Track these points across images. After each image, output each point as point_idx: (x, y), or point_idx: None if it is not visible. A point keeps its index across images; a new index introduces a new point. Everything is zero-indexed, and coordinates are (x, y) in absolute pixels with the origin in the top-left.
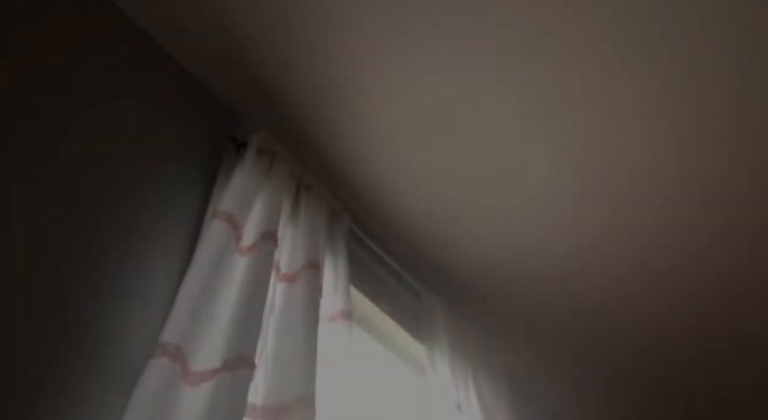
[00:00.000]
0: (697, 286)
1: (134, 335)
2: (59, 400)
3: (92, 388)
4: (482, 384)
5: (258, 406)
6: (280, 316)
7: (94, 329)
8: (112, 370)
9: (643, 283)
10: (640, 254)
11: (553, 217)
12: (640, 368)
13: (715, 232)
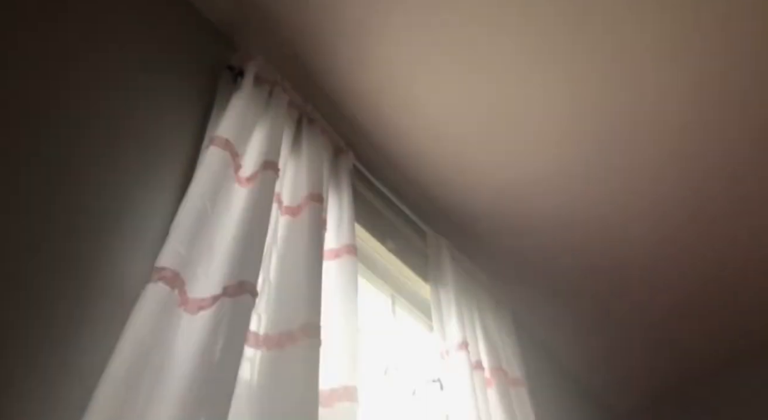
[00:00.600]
0: (700, 216)
1: (129, 264)
2: (51, 332)
3: (87, 317)
4: (488, 322)
5: (261, 335)
6: (283, 249)
7: (89, 259)
8: (107, 299)
9: (650, 221)
10: (645, 190)
11: (562, 160)
12: (644, 308)
13: (717, 164)
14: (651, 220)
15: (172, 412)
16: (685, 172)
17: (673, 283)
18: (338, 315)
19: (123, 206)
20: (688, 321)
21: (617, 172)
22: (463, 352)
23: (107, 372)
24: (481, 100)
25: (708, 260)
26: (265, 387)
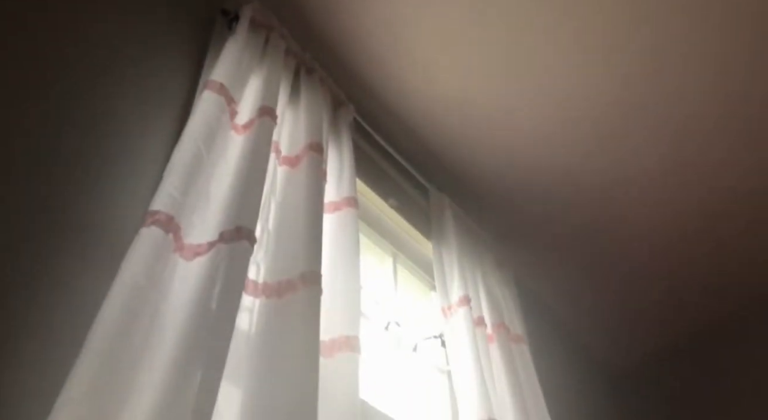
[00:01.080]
0: (705, 178)
1: (124, 210)
2: (44, 278)
3: (81, 263)
4: (490, 280)
5: (259, 283)
6: (282, 199)
7: (82, 204)
8: (101, 245)
9: (654, 181)
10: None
11: (568, 115)
12: (650, 269)
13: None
14: (655, 180)
15: (168, 359)
16: (690, 133)
17: (675, 243)
18: (339, 267)
19: (117, 152)
20: (690, 280)
21: (623, 129)
22: (465, 307)
23: (102, 313)
24: (489, 52)
25: (710, 219)
26: (264, 336)
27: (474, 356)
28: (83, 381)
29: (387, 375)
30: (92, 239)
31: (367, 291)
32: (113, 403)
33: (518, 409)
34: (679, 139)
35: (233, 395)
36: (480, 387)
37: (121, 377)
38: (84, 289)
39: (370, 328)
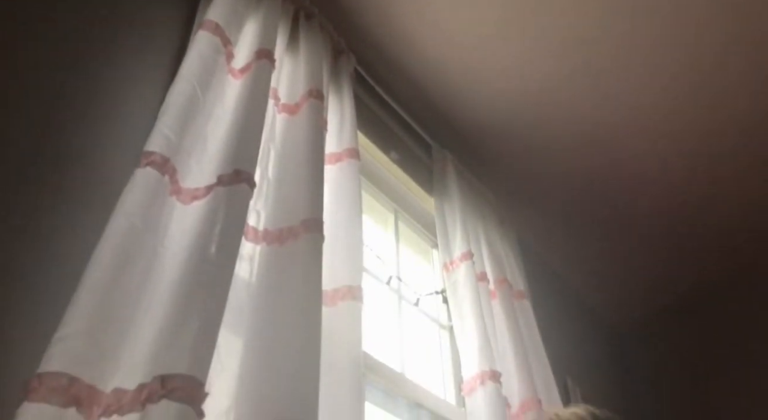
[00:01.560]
0: (710, 126)
1: (118, 153)
2: (39, 220)
3: (75, 206)
4: (493, 236)
5: (260, 230)
6: (282, 147)
7: (76, 148)
8: (95, 188)
9: (657, 134)
10: (656, 102)
11: (572, 67)
12: (647, 224)
13: None
14: (658, 132)
15: (166, 302)
16: (698, 84)
17: (678, 198)
18: (341, 218)
19: (111, 95)
20: (692, 237)
21: (626, 83)
22: (468, 262)
23: (97, 253)
24: (494, 8)
25: (714, 162)
26: (265, 284)
27: (476, 310)
28: (80, 317)
29: (388, 329)
30: (87, 181)
31: (369, 246)
32: (111, 339)
33: (520, 364)
34: (690, 90)
35: (234, 345)
36: (482, 340)
37: (118, 315)
38: (79, 231)
39: (372, 283)
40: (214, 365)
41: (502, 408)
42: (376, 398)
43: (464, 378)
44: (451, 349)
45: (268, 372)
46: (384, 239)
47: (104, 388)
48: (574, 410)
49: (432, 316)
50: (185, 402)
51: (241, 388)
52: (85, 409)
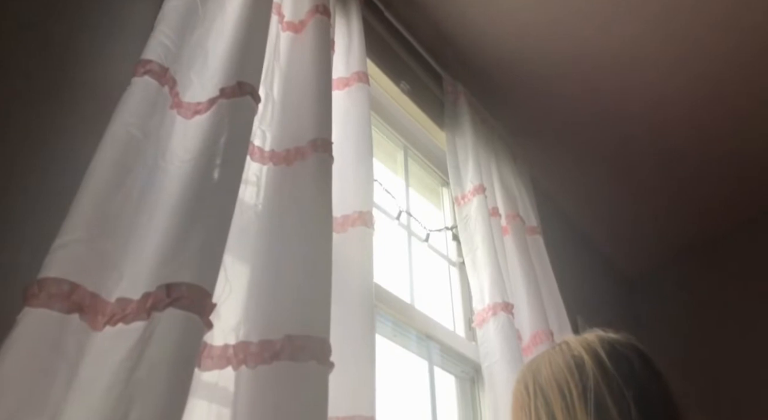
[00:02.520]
0: (722, 67)
1: (114, 65)
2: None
3: (72, 119)
4: (505, 172)
5: (266, 151)
6: (287, 66)
7: (69, 62)
8: (90, 101)
9: (670, 71)
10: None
11: (586, 5)
12: (661, 168)
13: None
14: (671, 69)
15: (168, 216)
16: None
17: (692, 142)
18: (351, 144)
19: (106, 4)
20: (706, 182)
21: (641, 15)
22: (480, 195)
23: (95, 161)
24: None
25: (728, 117)
26: (272, 207)
27: (488, 244)
28: (79, 225)
29: (398, 264)
30: (84, 91)
31: (378, 181)
32: (112, 249)
33: (532, 296)
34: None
35: (241, 270)
36: (494, 272)
37: (119, 225)
38: (77, 142)
39: (381, 218)
40: (222, 287)
41: (513, 338)
42: (385, 330)
43: (475, 310)
44: (460, 285)
45: (278, 291)
46: (393, 177)
47: (108, 298)
48: (585, 336)
49: (442, 252)
50: (192, 310)
51: (250, 305)
52: (89, 317)
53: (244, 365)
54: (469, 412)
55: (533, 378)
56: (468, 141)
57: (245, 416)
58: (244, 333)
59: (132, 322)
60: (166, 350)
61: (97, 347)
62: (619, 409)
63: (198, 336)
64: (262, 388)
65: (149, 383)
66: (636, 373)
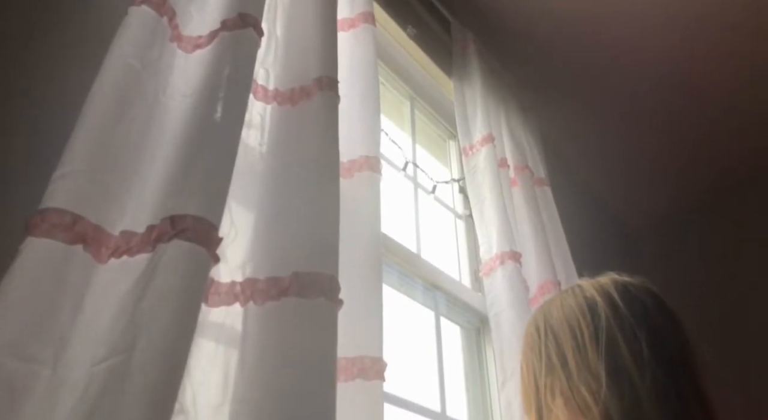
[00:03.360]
0: None
1: None
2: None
3: (66, 50)
4: (514, 122)
5: (270, 90)
6: (290, 3)
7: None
8: (88, 27)
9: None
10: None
11: None
12: (670, 121)
13: None
14: (683, 27)
15: (170, 150)
16: None
17: (705, 92)
18: (357, 89)
19: None
20: (714, 133)
21: None
22: (489, 145)
23: (93, 92)
24: None
25: (741, 70)
26: (277, 149)
27: (496, 194)
28: (78, 156)
29: (404, 216)
30: (81, 21)
31: (384, 131)
32: (114, 181)
33: (540, 247)
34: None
35: (247, 216)
36: (502, 222)
37: (120, 157)
38: (73, 75)
39: (387, 170)
40: (227, 230)
41: (521, 287)
42: (391, 279)
43: (483, 260)
44: (467, 238)
45: (285, 230)
46: (399, 131)
47: (112, 231)
48: (599, 279)
49: (448, 205)
50: (197, 242)
51: (257, 244)
52: (93, 249)
53: (251, 302)
54: (474, 362)
55: (544, 319)
56: (477, 90)
57: (253, 353)
58: (251, 270)
59: (137, 254)
60: (173, 281)
61: (101, 280)
62: (630, 349)
63: (204, 268)
64: (270, 324)
65: (156, 313)
66: (649, 314)
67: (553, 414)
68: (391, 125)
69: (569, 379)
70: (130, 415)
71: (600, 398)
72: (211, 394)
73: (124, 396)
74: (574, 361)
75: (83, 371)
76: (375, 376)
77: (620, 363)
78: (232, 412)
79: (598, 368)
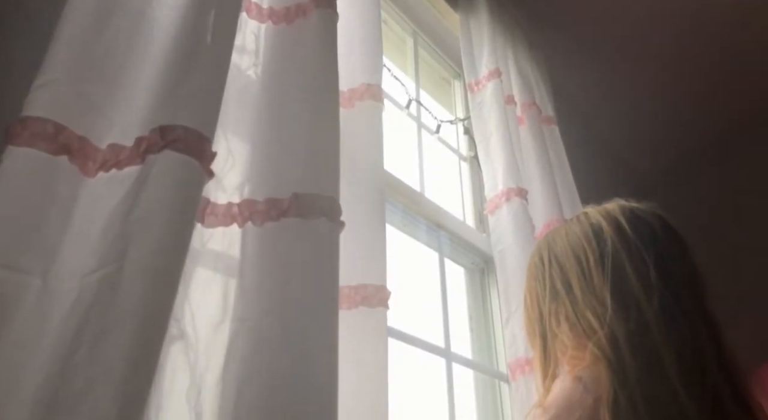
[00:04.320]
0: None
1: None
2: None
3: None
4: (522, 61)
5: (264, 8)
6: None
7: None
8: None
9: None
10: None
11: None
12: (679, 60)
13: None
14: None
15: (159, 64)
16: None
17: (713, 33)
18: (356, 8)
19: None
20: (724, 74)
21: None
22: (496, 80)
23: (71, 3)
24: None
25: (751, 5)
26: (272, 73)
27: (503, 130)
28: (59, 65)
29: (407, 156)
30: None
31: (386, 67)
32: (98, 91)
33: (546, 185)
34: None
35: (245, 149)
36: (508, 158)
37: (105, 68)
38: None
39: (390, 108)
40: (224, 160)
41: (527, 223)
42: (394, 219)
43: (487, 198)
44: (471, 181)
45: (283, 152)
46: (401, 69)
47: (98, 144)
48: (605, 206)
49: (452, 147)
50: (189, 154)
51: (254, 166)
52: (79, 162)
53: (250, 222)
54: (478, 302)
55: (548, 249)
56: (484, 24)
57: (252, 273)
58: (249, 191)
59: (126, 167)
60: (164, 192)
61: (90, 194)
62: (637, 273)
63: (197, 181)
64: (270, 245)
65: (147, 223)
66: (657, 237)
67: (558, 339)
68: (393, 66)
69: (574, 305)
70: (122, 325)
71: (605, 321)
72: (210, 312)
73: (115, 306)
74: (579, 287)
75: (74, 282)
76: (378, 303)
77: (626, 287)
78: (231, 330)
79: (604, 293)
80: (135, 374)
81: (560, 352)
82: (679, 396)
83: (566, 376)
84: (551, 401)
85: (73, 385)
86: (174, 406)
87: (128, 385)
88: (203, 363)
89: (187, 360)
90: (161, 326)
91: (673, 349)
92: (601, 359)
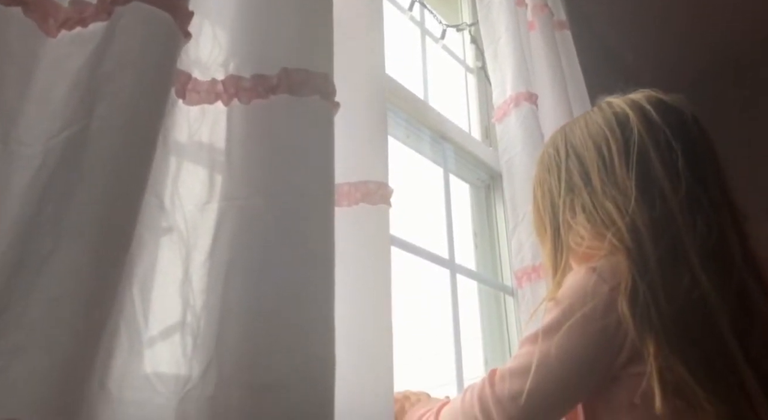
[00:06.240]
0: None
1: None
2: None
3: None
4: None
5: None
6: None
7: None
8: None
9: None
10: None
11: None
12: None
13: None
14: None
15: None
16: None
17: None
18: None
19: None
20: None
21: None
22: None
23: None
24: None
25: None
26: None
27: (512, 33)
28: None
29: (411, 63)
30: None
31: None
32: None
33: (558, 89)
34: None
35: (220, 39)
36: (518, 61)
37: None
38: None
39: (391, 10)
40: (210, 46)
41: (537, 130)
42: (398, 132)
43: (496, 105)
44: (477, 93)
45: (270, 23)
46: None
47: (59, 0)
48: (630, 95)
49: (458, 56)
50: (160, 6)
51: (237, 39)
52: (36, 17)
53: (236, 99)
54: (483, 221)
55: (565, 139)
56: None
57: (240, 153)
58: (234, 67)
59: (91, 23)
60: (133, 45)
61: (52, 54)
62: (663, 161)
63: (171, 37)
64: (259, 123)
65: (114, 78)
66: (687, 124)
67: (573, 230)
68: None
69: (593, 195)
70: (90, 182)
71: (627, 212)
72: (195, 192)
73: (82, 165)
74: (599, 178)
75: (38, 147)
76: (380, 200)
77: (652, 175)
78: (219, 210)
79: (626, 183)
80: (107, 232)
81: (575, 243)
82: (702, 284)
83: (579, 268)
84: (563, 293)
85: (39, 246)
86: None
87: (99, 243)
88: (192, 242)
89: (179, 254)
90: (135, 184)
91: (698, 237)
92: (620, 249)
